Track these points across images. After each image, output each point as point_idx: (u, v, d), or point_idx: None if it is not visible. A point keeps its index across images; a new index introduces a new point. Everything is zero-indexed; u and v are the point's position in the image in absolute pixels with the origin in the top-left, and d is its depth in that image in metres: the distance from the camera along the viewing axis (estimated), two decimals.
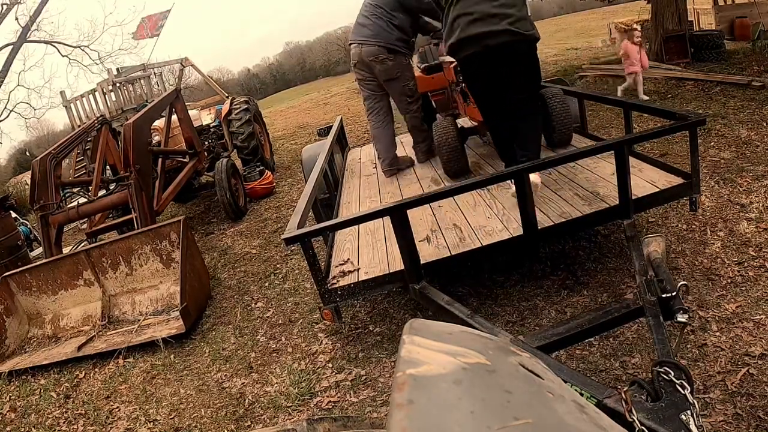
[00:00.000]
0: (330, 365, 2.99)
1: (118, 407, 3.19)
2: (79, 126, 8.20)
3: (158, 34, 12.17)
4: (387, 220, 2.63)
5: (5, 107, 15.58)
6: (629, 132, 3.43)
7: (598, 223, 3.07)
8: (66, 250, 5.01)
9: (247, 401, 2.89)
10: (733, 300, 2.61)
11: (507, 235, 2.76)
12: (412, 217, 2.55)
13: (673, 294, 1.96)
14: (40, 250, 5.80)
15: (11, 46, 14.69)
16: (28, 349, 4.08)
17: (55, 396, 3.46)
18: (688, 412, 1.40)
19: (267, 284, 4.32)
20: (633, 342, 2.49)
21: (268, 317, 3.77)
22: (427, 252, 2.80)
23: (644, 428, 1.31)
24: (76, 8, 17.84)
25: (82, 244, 5.10)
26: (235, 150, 7.78)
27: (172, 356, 3.54)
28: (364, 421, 1.33)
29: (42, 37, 15.35)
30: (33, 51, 23.61)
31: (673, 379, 1.50)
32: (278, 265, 4.62)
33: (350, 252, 3.12)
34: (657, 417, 1.39)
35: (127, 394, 3.29)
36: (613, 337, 2.55)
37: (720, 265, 2.92)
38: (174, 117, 6.38)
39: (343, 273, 2.88)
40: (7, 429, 3.28)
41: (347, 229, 3.35)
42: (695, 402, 1.44)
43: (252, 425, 2.69)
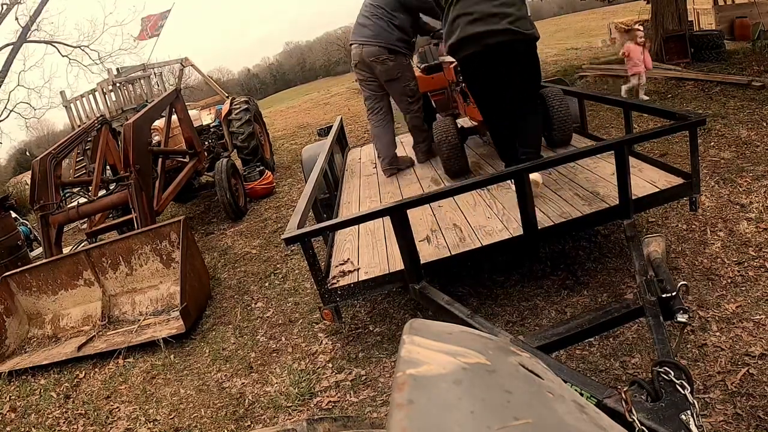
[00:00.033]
0: (330, 365, 2.99)
1: (118, 407, 3.19)
2: (79, 126, 8.19)
3: (158, 35, 12.18)
4: (387, 220, 2.63)
5: (5, 107, 15.61)
6: (629, 132, 3.43)
7: (598, 223, 3.07)
8: (66, 250, 5.01)
9: (247, 401, 2.89)
10: (733, 300, 2.61)
11: (507, 235, 2.76)
12: (412, 217, 2.55)
13: (673, 294, 1.96)
14: (40, 250, 5.79)
15: (11, 46, 14.68)
16: (28, 349, 4.08)
17: (55, 396, 3.46)
18: (688, 412, 1.40)
19: (267, 284, 4.32)
20: (633, 342, 2.49)
21: (268, 317, 3.77)
22: (427, 252, 2.80)
23: (644, 428, 1.31)
24: (76, 8, 17.87)
25: (82, 244, 5.10)
26: (235, 150, 7.77)
27: (172, 356, 3.54)
28: (364, 421, 1.33)
29: (42, 37, 15.38)
30: (33, 51, 23.70)
31: (673, 379, 1.49)
32: (278, 265, 4.62)
33: (350, 252, 3.12)
34: (657, 417, 1.39)
35: (127, 394, 3.29)
36: (613, 337, 2.55)
37: (720, 265, 2.92)
38: (174, 117, 6.38)
39: (343, 273, 2.88)
40: (7, 429, 3.27)
41: (347, 229, 3.35)
42: (695, 402, 1.44)
43: (252, 425, 2.69)
